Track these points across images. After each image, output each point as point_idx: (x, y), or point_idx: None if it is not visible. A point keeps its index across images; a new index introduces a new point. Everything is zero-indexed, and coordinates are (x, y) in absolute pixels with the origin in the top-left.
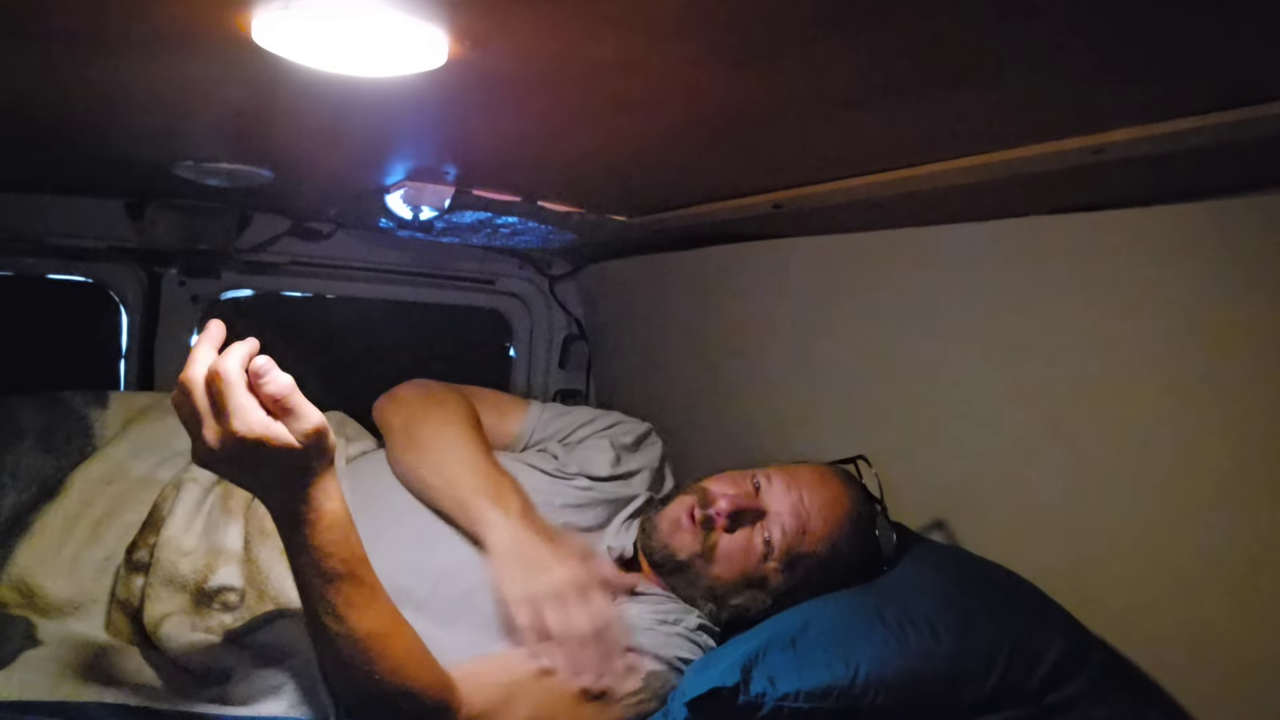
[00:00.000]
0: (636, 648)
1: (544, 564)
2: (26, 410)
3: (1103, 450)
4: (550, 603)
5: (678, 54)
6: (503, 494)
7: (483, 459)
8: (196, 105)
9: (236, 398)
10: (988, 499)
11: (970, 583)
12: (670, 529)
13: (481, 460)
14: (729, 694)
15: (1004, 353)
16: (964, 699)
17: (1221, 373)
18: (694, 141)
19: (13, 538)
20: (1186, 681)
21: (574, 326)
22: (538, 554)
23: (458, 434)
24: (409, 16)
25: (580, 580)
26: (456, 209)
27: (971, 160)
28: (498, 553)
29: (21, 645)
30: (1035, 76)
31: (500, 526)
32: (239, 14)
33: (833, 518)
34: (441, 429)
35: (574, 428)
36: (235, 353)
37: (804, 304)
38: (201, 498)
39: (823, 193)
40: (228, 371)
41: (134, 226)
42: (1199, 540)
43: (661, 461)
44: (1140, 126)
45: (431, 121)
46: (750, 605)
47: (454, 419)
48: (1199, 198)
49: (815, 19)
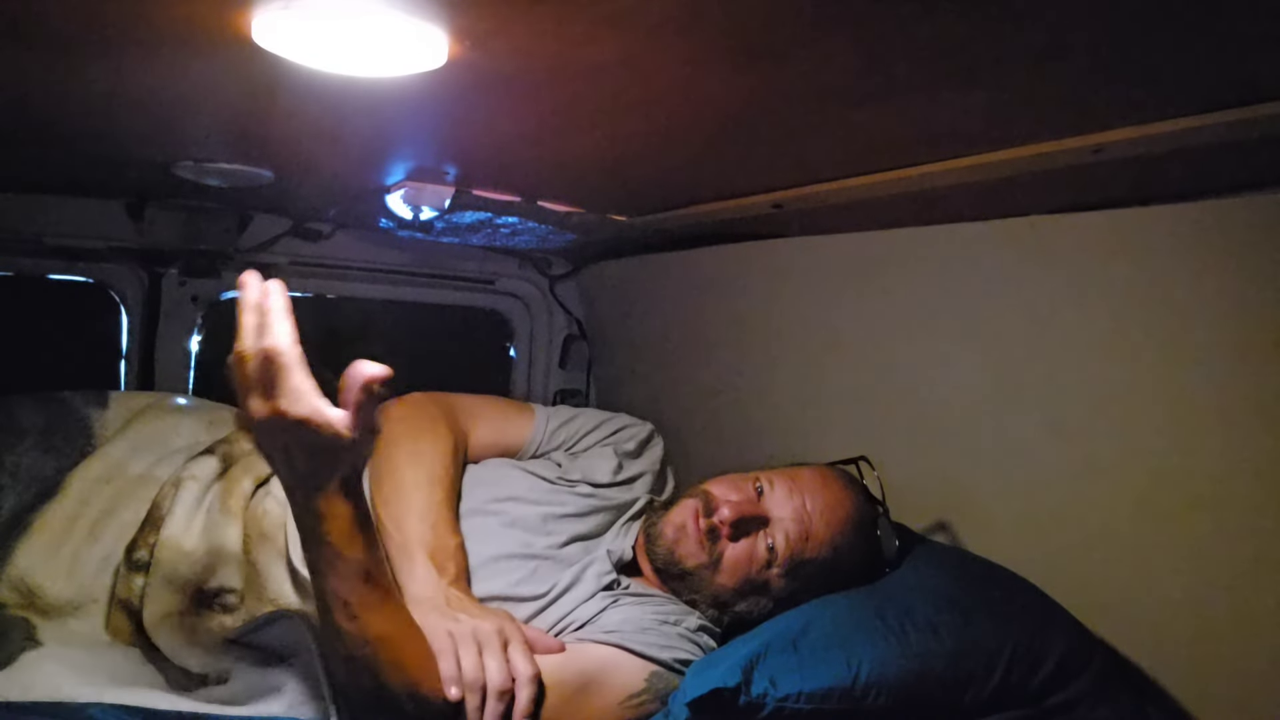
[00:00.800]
0: (624, 645)
1: (469, 610)
2: (26, 410)
3: (1103, 450)
4: (466, 644)
5: (678, 54)
6: (442, 552)
7: (435, 508)
8: (196, 105)
9: (293, 380)
10: (989, 499)
11: (972, 583)
12: (676, 536)
13: (434, 510)
14: (730, 694)
15: (1004, 353)
16: (966, 700)
17: (1222, 372)
18: (694, 141)
19: (12, 538)
20: (1188, 682)
21: (574, 326)
22: (462, 605)
23: (422, 474)
24: (409, 16)
25: (505, 631)
26: (456, 209)
27: (971, 160)
28: (418, 598)
29: (21, 645)
30: (1035, 76)
31: (426, 579)
32: (239, 14)
33: (835, 522)
34: (406, 464)
35: (579, 436)
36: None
37: (804, 304)
38: (201, 496)
39: (823, 193)
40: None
41: (134, 226)
42: (1200, 540)
43: (662, 463)
44: (1140, 126)
45: (431, 121)
46: (752, 610)
47: (424, 455)
48: (1199, 198)
49: (815, 19)
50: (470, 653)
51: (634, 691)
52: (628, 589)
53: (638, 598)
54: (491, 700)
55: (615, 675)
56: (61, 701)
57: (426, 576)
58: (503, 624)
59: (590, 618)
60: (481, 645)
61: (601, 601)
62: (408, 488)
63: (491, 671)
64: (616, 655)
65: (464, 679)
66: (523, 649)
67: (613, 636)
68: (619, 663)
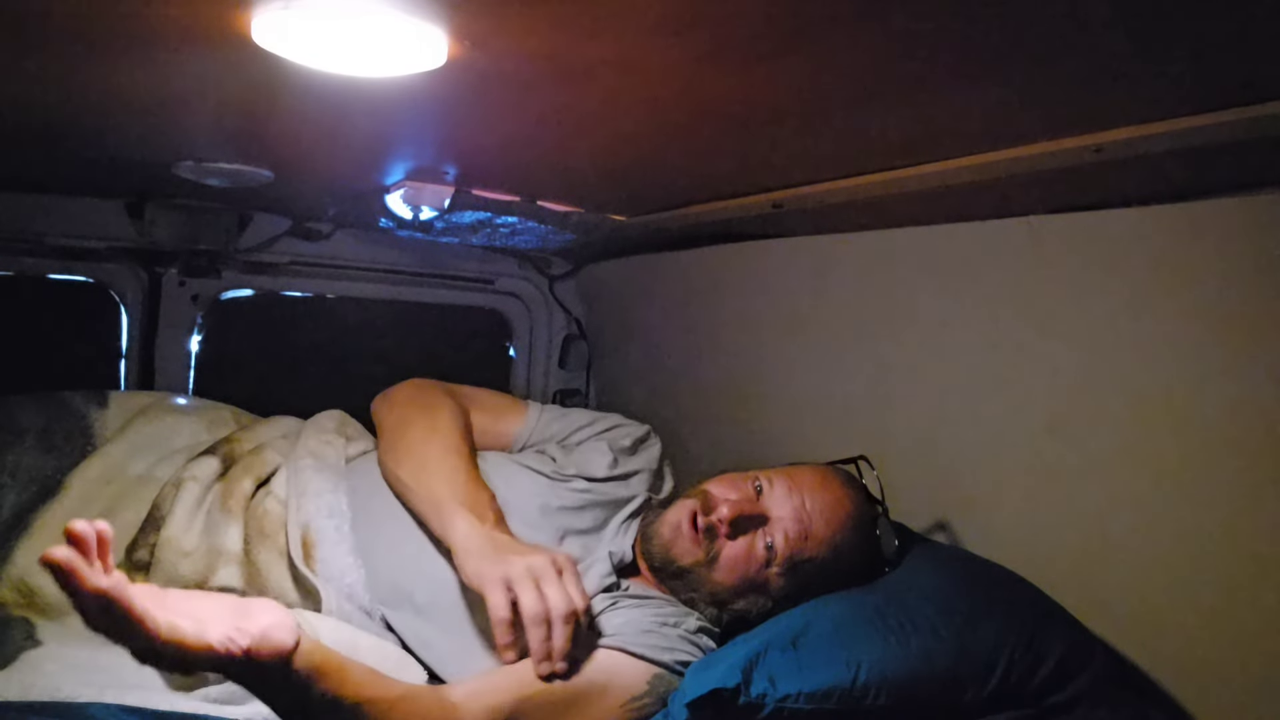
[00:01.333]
0: (626, 648)
1: (517, 549)
2: (26, 410)
3: (1103, 450)
4: (524, 582)
5: (678, 54)
6: (478, 504)
7: (462, 470)
8: (196, 105)
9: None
10: (988, 499)
11: (972, 583)
12: (672, 535)
13: (461, 471)
14: (730, 695)
15: (1004, 353)
16: (965, 700)
17: (1222, 372)
18: (694, 141)
19: (12, 538)
20: (1188, 682)
21: (574, 326)
22: (510, 544)
23: (441, 442)
24: (409, 16)
25: (558, 561)
26: (456, 209)
27: (971, 160)
28: (466, 549)
29: (21, 645)
30: (1035, 76)
31: (469, 529)
32: (239, 14)
33: (834, 521)
34: (427, 435)
35: (572, 430)
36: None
37: (804, 304)
38: (201, 496)
39: (823, 193)
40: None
41: (134, 226)
42: (1200, 540)
43: (660, 462)
44: (1140, 126)
45: (431, 121)
46: (751, 609)
47: (440, 425)
48: (1199, 197)
49: (815, 19)
50: (529, 590)
51: (636, 694)
52: (627, 591)
53: (637, 600)
54: (558, 625)
55: (617, 678)
56: (61, 701)
57: (469, 527)
58: (554, 555)
59: (589, 620)
60: (538, 579)
61: (601, 604)
62: (432, 458)
63: (554, 599)
64: (618, 659)
65: (525, 615)
66: (575, 578)
67: (613, 639)
68: (621, 666)
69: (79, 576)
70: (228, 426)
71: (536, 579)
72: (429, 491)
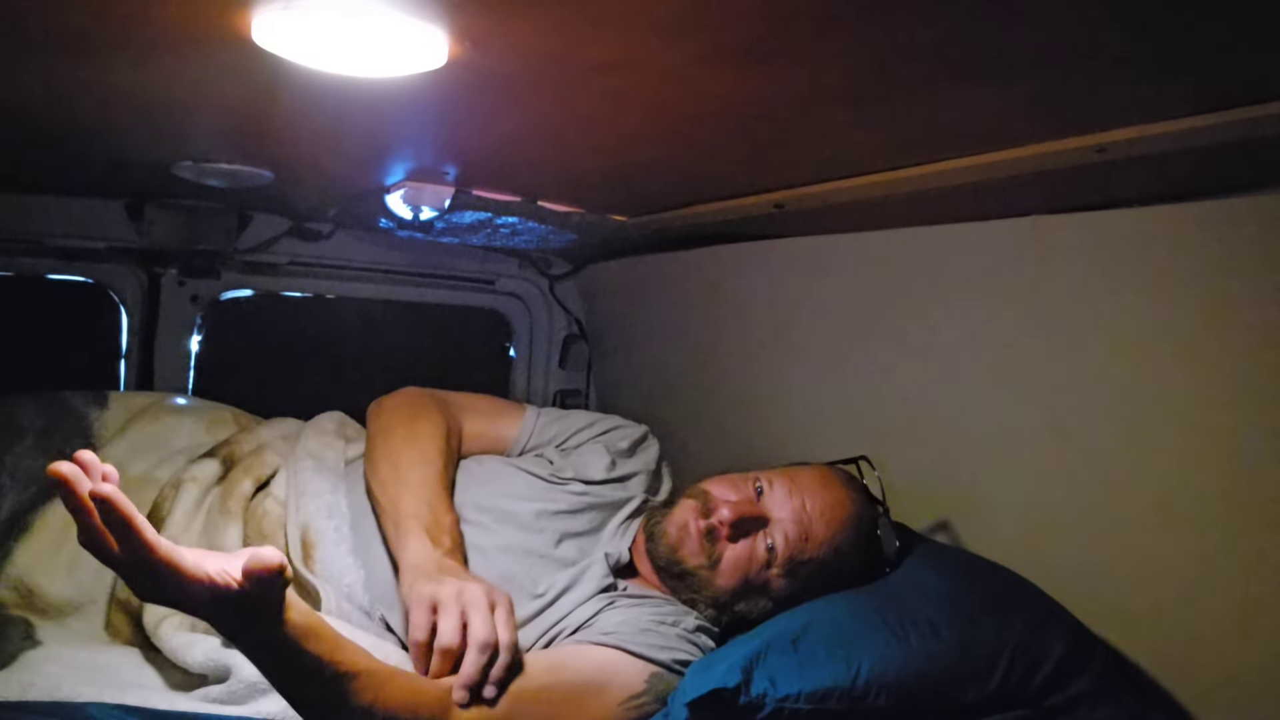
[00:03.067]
0: (624, 646)
1: (459, 575)
2: (26, 410)
3: (1104, 450)
4: (449, 607)
5: (678, 54)
6: (437, 528)
7: (430, 487)
8: (196, 105)
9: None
10: (989, 499)
11: (972, 583)
12: (679, 535)
13: (429, 488)
14: (730, 695)
15: (1004, 353)
16: (966, 700)
17: (1222, 372)
18: (694, 141)
19: (12, 538)
20: (1188, 682)
21: (574, 326)
22: (454, 570)
23: (416, 456)
24: (409, 16)
25: (492, 595)
26: (456, 209)
27: (971, 160)
28: (411, 565)
29: (21, 645)
30: (1036, 76)
31: (420, 549)
32: (239, 14)
33: (835, 522)
34: (402, 447)
35: (570, 433)
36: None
37: (804, 304)
38: (201, 497)
39: (823, 193)
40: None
41: (134, 226)
42: (1200, 540)
43: (658, 464)
44: (1141, 126)
45: (431, 121)
46: (751, 610)
47: (420, 437)
48: (1199, 197)
49: (815, 19)
50: (450, 617)
51: (634, 693)
52: (625, 591)
53: (635, 599)
54: (473, 651)
55: (615, 677)
56: (61, 701)
57: (420, 547)
58: (490, 590)
59: (587, 620)
60: (466, 606)
61: (599, 604)
62: (404, 468)
63: (476, 627)
64: (616, 657)
65: (438, 639)
66: (508, 616)
67: (611, 638)
68: (618, 664)
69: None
70: (228, 427)
71: (464, 606)
72: (393, 506)
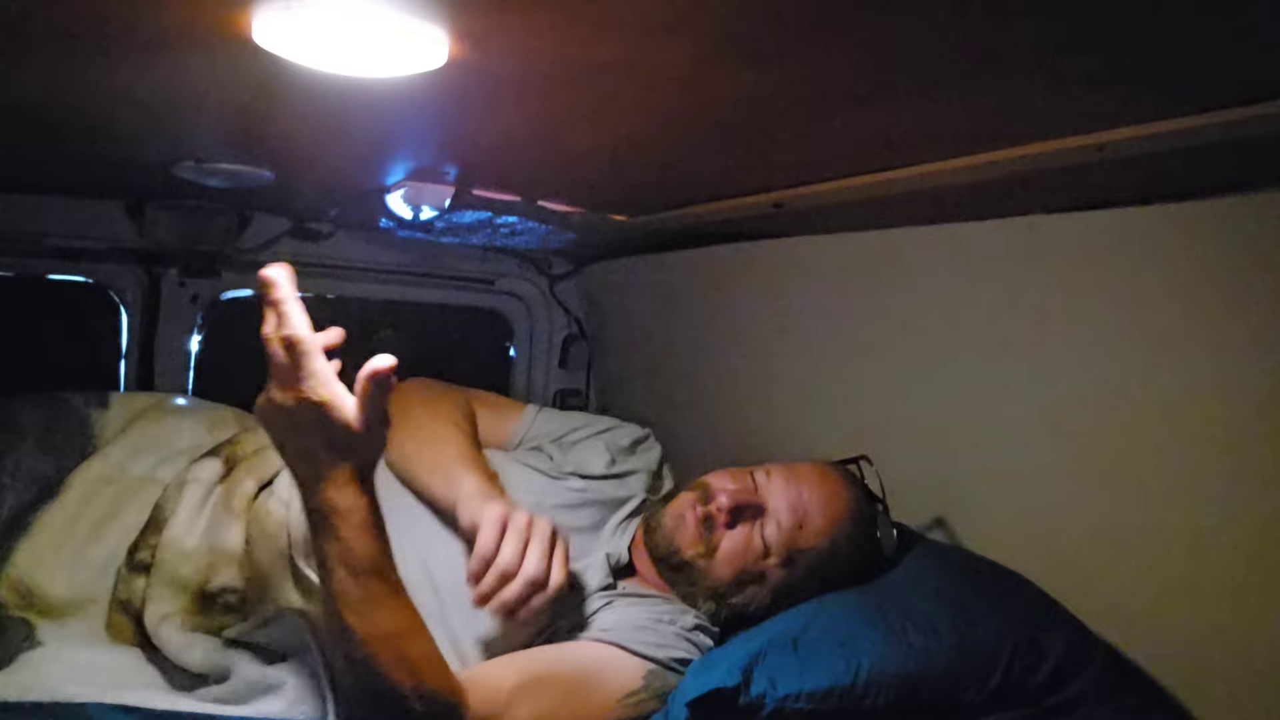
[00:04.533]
0: (621, 643)
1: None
2: (27, 410)
3: (1104, 450)
4: (516, 533)
5: (678, 54)
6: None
7: (470, 450)
8: (197, 105)
9: (313, 363)
10: (989, 498)
11: (972, 582)
12: (675, 525)
13: (468, 450)
14: (730, 695)
15: (1004, 353)
16: (966, 699)
17: (1222, 372)
18: (695, 141)
19: (13, 538)
20: (1189, 681)
21: (574, 326)
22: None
23: (448, 424)
24: (409, 16)
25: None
26: (456, 209)
27: (971, 160)
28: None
29: (21, 645)
30: (1036, 76)
31: (478, 483)
32: (239, 14)
33: (831, 513)
34: (432, 419)
35: (570, 429)
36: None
37: (804, 304)
38: (204, 498)
39: (823, 193)
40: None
41: (134, 226)
42: (1200, 539)
43: (660, 464)
44: (1141, 125)
45: (431, 121)
46: (750, 602)
47: (446, 412)
48: (1199, 197)
49: (815, 19)
50: (514, 543)
51: (631, 690)
52: (623, 590)
53: (633, 598)
54: (517, 584)
55: (612, 674)
56: (61, 701)
57: (482, 479)
58: (557, 528)
59: (586, 617)
60: (533, 536)
61: (597, 602)
62: (438, 438)
63: (531, 560)
64: (613, 654)
65: (499, 562)
66: (564, 559)
67: (609, 635)
68: (616, 661)
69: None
70: (229, 428)
71: (530, 535)
72: (434, 459)
